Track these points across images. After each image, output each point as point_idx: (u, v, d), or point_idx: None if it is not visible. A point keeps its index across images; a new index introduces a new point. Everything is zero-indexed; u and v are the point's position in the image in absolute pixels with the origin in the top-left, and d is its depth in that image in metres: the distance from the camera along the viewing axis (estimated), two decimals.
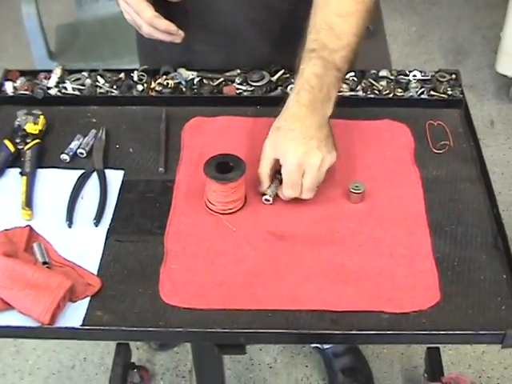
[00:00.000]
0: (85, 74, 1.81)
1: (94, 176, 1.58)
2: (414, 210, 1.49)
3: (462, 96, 1.76)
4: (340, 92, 1.72)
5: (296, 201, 1.49)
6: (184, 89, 1.77)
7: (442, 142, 1.65)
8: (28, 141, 1.62)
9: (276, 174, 1.49)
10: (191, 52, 1.83)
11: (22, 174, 1.57)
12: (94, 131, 1.67)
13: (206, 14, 1.79)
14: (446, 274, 1.38)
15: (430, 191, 1.54)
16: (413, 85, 1.77)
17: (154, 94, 1.76)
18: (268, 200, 1.49)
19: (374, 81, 1.77)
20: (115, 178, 1.57)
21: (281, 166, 1.45)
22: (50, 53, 3.03)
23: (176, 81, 1.77)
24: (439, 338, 1.32)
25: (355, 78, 1.78)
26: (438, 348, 2.28)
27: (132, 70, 1.82)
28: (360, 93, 1.75)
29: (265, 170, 1.48)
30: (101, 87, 1.78)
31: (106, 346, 2.65)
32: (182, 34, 1.61)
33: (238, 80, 1.77)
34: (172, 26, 1.60)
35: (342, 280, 1.36)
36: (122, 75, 1.81)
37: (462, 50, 4.31)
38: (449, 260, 1.40)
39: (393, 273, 1.37)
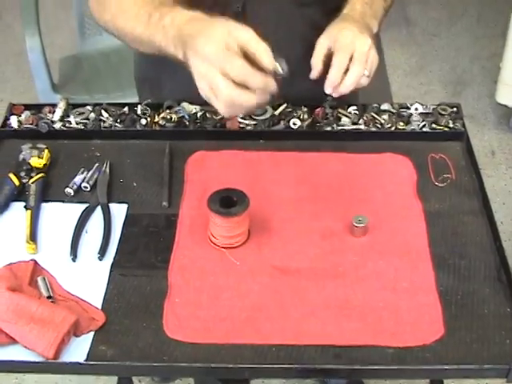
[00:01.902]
0: (89, 108, 1.83)
1: (98, 210, 1.58)
2: (416, 244, 1.50)
3: (463, 129, 1.77)
4: (341, 126, 1.74)
5: (299, 234, 1.50)
6: (187, 123, 1.78)
7: (444, 175, 1.66)
8: (32, 174, 1.63)
9: None
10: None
11: (26, 207, 1.57)
12: (97, 165, 1.67)
13: None
14: (449, 308, 1.37)
15: (432, 224, 1.54)
16: (414, 118, 1.78)
17: (157, 128, 1.77)
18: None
19: (376, 114, 1.78)
20: (119, 211, 1.58)
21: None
22: (53, 85, 3.04)
23: (179, 115, 1.78)
24: (443, 373, 1.32)
25: (357, 112, 1.79)
26: (442, 381, 2.27)
27: (136, 104, 1.83)
28: (362, 126, 1.76)
29: (317, 58, 1.57)
30: (105, 121, 1.79)
31: (109, 378, 2.64)
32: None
33: (240, 114, 1.78)
34: (270, 82, 1.36)
35: (345, 314, 1.36)
36: (125, 109, 1.82)
37: (462, 81, 4.33)
38: (452, 293, 1.40)
39: (396, 307, 1.37)
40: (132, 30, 1.53)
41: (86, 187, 1.63)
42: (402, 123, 1.76)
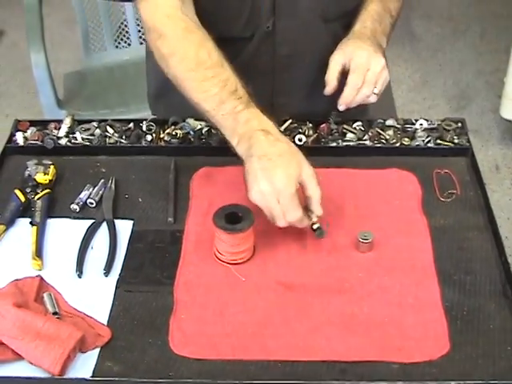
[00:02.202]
0: (94, 124, 1.83)
1: (104, 226, 1.59)
2: (422, 259, 1.50)
3: (468, 144, 1.78)
4: (347, 141, 1.75)
5: (304, 250, 1.50)
6: (192, 139, 1.78)
7: (449, 191, 1.66)
8: (38, 191, 1.64)
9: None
10: (272, 106, 1.84)
11: (32, 223, 1.58)
12: (103, 181, 1.68)
13: (293, 68, 1.84)
14: (455, 323, 1.38)
15: (437, 240, 1.55)
16: (419, 134, 1.78)
17: (162, 144, 1.78)
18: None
19: (381, 130, 1.79)
20: (125, 228, 1.58)
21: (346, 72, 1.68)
22: (58, 100, 3.04)
23: (184, 131, 1.79)
24: None
25: (362, 128, 1.79)
26: None
27: (141, 120, 1.84)
28: (367, 142, 1.76)
29: (332, 75, 1.69)
30: (110, 137, 1.79)
31: None
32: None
33: None
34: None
35: (351, 330, 1.36)
36: (131, 125, 1.83)
37: (466, 96, 4.33)
38: (458, 309, 1.40)
39: (402, 322, 1.37)
40: (197, 101, 1.58)
41: (91, 203, 1.63)
42: (406, 139, 1.77)
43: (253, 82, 1.61)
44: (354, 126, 1.80)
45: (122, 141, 1.79)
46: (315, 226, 1.51)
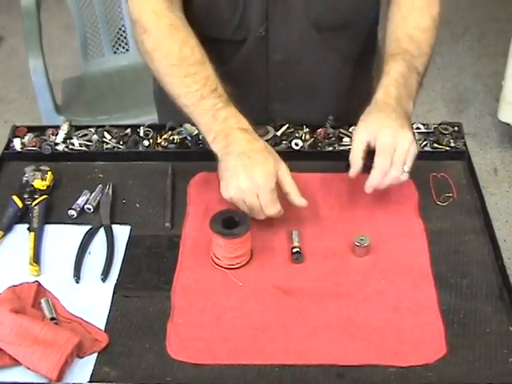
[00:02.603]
0: (92, 129, 1.84)
1: (101, 231, 1.59)
2: (418, 263, 1.50)
3: (464, 148, 1.78)
4: (343, 146, 1.75)
5: (301, 255, 1.51)
6: (190, 144, 1.79)
7: (446, 194, 1.66)
8: (36, 196, 1.64)
9: None
10: (268, 112, 1.86)
11: (29, 229, 1.58)
12: (100, 186, 1.68)
13: (287, 75, 1.83)
14: (451, 327, 1.38)
15: (434, 243, 1.55)
16: (416, 137, 1.78)
17: (160, 149, 1.79)
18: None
19: None
20: (122, 233, 1.59)
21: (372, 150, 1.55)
22: (56, 106, 3.05)
23: (182, 136, 1.79)
24: None
25: None
26: None
27: (138, 126, 1.84)
28: None
29: (357, 155, 1.56)
30: (107, 143, 1.80)
31: None
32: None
33: None
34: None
35: (348, 334, 1.36)
36: (128, 131, 1.83)
37: (464, 99, 4.34)
38: (454, 312, 1.41)
39: (399, 326, 1.37)
40: (178, 95, 1.63)
41: (89, 209, 1.63)
42: None
43: (247, 86, 1.63)
44: (351, 130, 1.80)
45: (120, 146, 1.79)
46: (294, 250, 1.52)
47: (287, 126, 1.81)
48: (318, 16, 1.74)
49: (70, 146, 1.80)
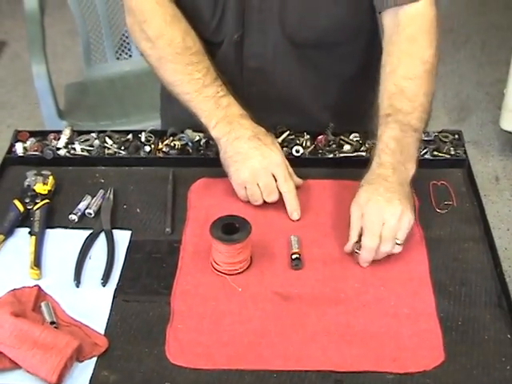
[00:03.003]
0: (93, 135, 1.84)
1: (102, 236, 1.60)
2: (418, 270, 1.51)
3: (465, 156, 1.79)
4: (344, 153, 1.75)
5: (301, 261, 1.51)
6: (190, 150, 1.79)
7: (446, 202, 1.67)
8: (37, 201, 1.64)
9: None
10: None
11: (30, 233, 1.58)
12: (102, 191, 1.69)
13: (261, 83, 1.85)
14: (450, 334, 1.38)
15: (433, 251, 1.55)
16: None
17: (161, 155, 1.79)
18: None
19: None
20: (123, 238, 1.59)
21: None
22: (59, 111, 3.06)
23: (183, 142, 1.80)
24: None
25: (359, 139, 1.80)
26: None
27: (140, 132, 1.85)
28: (364, 154, 1.77)
29: (355, 233, 1.51)
30: (109, 148, 1.81)
31: None
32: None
33: None
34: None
35: (346, 340, 1.36)
36: (129, 136, 1.84)
37: (466, 107, 4.35)
38: (453, 320, 1.41)
39: (397, 333, 1.38)
40: (179, 82, 1.71)
41: (90, 213, 1.64)
42: None
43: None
44: (351, 137, 1.81)
45: (121, 152, 1.80)
46: (294, 256, 1.52)
47: (288, 132, 1.81)
48: (292, 31, 1.74)
49: (72, 151, 1.80)
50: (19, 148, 1.81)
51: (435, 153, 1.79)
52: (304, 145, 1.79)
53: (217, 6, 1.73)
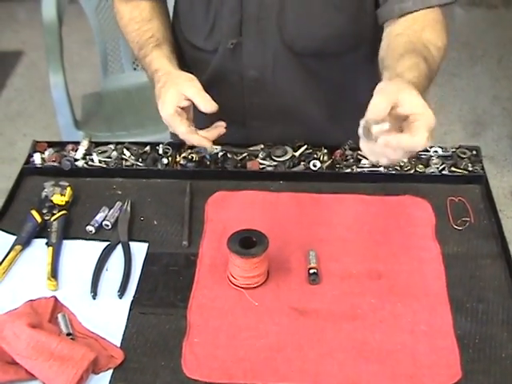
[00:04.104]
0: (111, 146, 1.85)
1: (119, 248, 1.60)
2: (434, 287, 1.50)
3: (482, 172, 1.78)
4: (361, 167, 1.75)
5: (318, 276, 1.51)
6: (208, 163, 1.80)
7: (463, 218, 1.66)
8: (54, 212, 1.65)
9: None
10: (246, 128, 1.87)
11: (47, 244, 1.59)
12: (119, 203, 1.69)
13: (262, 93, 1.84)
14: (467, 352, 1.37)
15: (450, 267, 1.55)
16: (434, 161, 1.78)
17: (178, 167, 1.79)
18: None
19: None
20: (139, 250, 1.59)
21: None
22: (75, 121, 3.07)
23: (200, 155, 1.80)
24: None
25: None
26: None
27: (157, 144, 1.85)
28: (381, 169, 1.77)
29: (379, 103, 1.32)
30: (127, 160, 1.81)
31: None
32: (212, 147, 1.70)
33: (261, 155, 1.80)
34: (205, 142, 1.65)
35: (363, 356, 1.36)
36: (147, 148, 1.84)
37: (482, 121, 4.34)
38: (470, 337, 1.40)
39: (414, 350, 1.37)
40: (133, 50, 1.87)
41: (107, 225, 1.64)
42: (421, 166, 1.77)
43: (225, 100, 1.65)
44: None
45: (139, 164, 1.80)
46: (311, 271, 1.52)
47: (306, 146, 1.82)
48: (292, 40, 1.75)
49: (90, 162, 1.81)
50: (37, 158, 1.82)
51: (453, 168, 1.78)
52: (321, 159, 1.79)
53: (209, 12, 1.75)
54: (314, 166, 1.76)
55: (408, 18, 1.65)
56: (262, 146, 1.83)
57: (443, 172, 1.77)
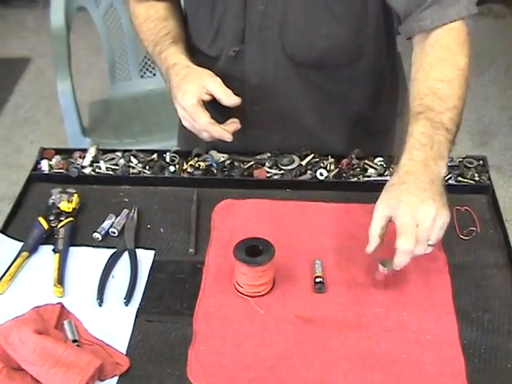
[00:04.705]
0: (118, 154, 1.86)
1: (125, 255, 1.60)
2: (440, 296, 1.50)
3: (489, 182, 1.78)
4: (368, 177, 1.75)
5: (324, 285, 1.51)
6: (215, 171, 1.80)
7: (470, 228, 1.66)
8: (61, 218, 1.66)
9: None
10: (246, 137, 1.86)
11: (54, 251, 1.59)
12: (126, 211, 1.70)
13: (263, 101, 1.85)
14: (472, 362, 1.37)
15: (456, 277, 1.55)
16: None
17: (185, 175, 1.80)
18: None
19: None
20: (146, 257, 1.60)
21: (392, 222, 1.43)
22: (82, 128, 3.08)
23: (207, 163, 1.80)
24: None
25: (384, 164, 1.80)
26: None
27: (164, 152, 1.86)
28: (388, 178, 1.75)
29: (375, 230, 1.44)
30: (134, 167, 1.81)
31: None
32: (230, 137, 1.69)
33: (268, 163, 1.80)
34: (226, 134, 1.66)
35: (368, 365, 1.36)
36: (154, 156, 1.85)
37: (489, 131, 4.33)
38: (475, 347, 1.40)
39: (419, 359, 1.37)
40: (146, 48, 1.89)
41: (113, 232, 1.65)
42: None
43: (226, 108, 1.66)
44: (376, 161, 1.81)
45: (146, 171, 1.81)
46: (317, 280, 1.52)
47: (312, 155, 1.82)
48: (293, 50, 1.75)
49: (97, 170, 1.82)
50: (45, 165, 1.82)
51: (459, 178, 1.78)
52: (328, 168, 1.79)
53: (213, 18, 1.76)
54: (321, 174, 1.77)
55: (433, 35, 1.65)
56: (269, 155, 1.83)
57: (450, 182, 1.77)
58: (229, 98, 1.66)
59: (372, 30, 1.76)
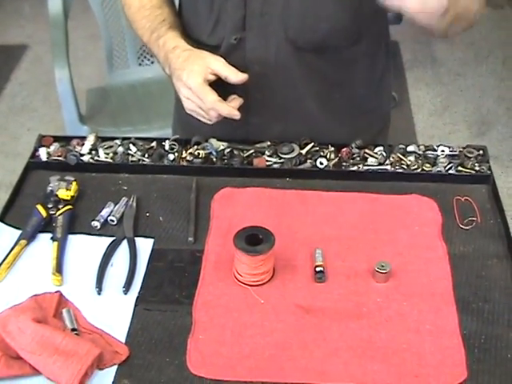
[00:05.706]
0: (117, 141, 1.85)
1: (124, 244, 1.59)
2: (441, 286, 1.50)
3: (489, 172, 1.78)
4: (368, 166, 1.75)
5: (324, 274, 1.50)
6: (214, 159, 1.79)
7: (470, 218, 1.66)
8: (60, 206, 1.65)
9: None
10: (247, 125, 1.86)
11: (53, 239, 1.59)
12: (125, 199, 1.69)
13: (264, 88, 1.84)
14: (472, 352, 1.37)
15: (457, 267, 1.54)
16: (441, 160, 1.78)
17: (184, 163, 1.79)
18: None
19: (403, 155, 1.79)
20: (145, 246, 1.59)
21: None
22: (80, 116, 3.07)
23: (207, 151, 1.80)
24: None
25: (384, 153, 1.79)
26: None
27: (164, 139, 1.85)
28: (388, 167, 1.76)
29: None
30: (133, 155, 1.81)
31: None
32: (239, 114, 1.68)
33: (268, 152, 1.79)
34: (234, 111, 1.66)
35: (368, 355, 1.36)
36: (153, 144, 1.84)
37: (487, 121, 4.33)
38: (475, 337, 1.40)
39: (420, 349, 1.37)
40: (141, 37, 1.86)
41: (112, 220, 1.64)
42: (428, 165, 1.77)
43: (227, 96, 1.65)
44: (376, 150, 1.80)
45: (145, 159, 1.80)
46: (317, 269, 1.51)
47: (312, 144, 1.81)
48: (295, 34, 1.74)
49: (96, 158, 1.81)
50: (43, 153, 1.81)
51: (459, 168, 1.78)
52: (328, 157, 1.78)
53: (213, 7, 1.76)
54: (321, 163, 1.76)
55: None
56: (269, 143, 1.83)
57: (450, 171, 1.77)
58: (236, 75, 1.66)
59: (370, 12, 1.75)
